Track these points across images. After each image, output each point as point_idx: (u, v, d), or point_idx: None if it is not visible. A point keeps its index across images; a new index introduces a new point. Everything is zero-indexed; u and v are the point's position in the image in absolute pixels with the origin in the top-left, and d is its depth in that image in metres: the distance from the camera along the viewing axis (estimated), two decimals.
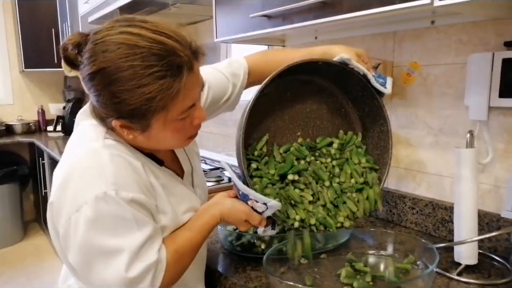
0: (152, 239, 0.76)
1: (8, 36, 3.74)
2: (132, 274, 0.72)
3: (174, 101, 0.72)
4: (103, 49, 0.70)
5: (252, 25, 1.26)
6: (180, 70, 0.71)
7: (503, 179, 1.05)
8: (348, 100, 1.10)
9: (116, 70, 0.69)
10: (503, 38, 1.00)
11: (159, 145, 0.83)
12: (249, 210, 0.87)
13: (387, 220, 1.32)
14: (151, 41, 0.69)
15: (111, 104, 0.73)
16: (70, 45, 0.75)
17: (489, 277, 0.95)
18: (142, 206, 0.76)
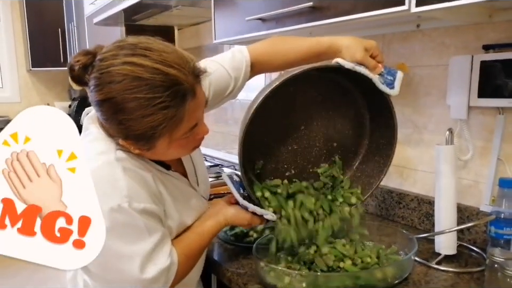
0: (162, 243, 0.84)
1: (15, 35, 3.83)
2: (147, 276, 0.81)
3: (177, 127, 0.77)
4: (108, 80, 0.73)
5: (248, 27, 1.32)
6: (184, 98, 0.75)
7: (482, 175, 1.11)
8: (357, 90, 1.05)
9: (121, 101, 0.73)
10: (482, 41, 1.06)
11: (164, 158, 0.89)
12: (251, 217, 0.95)
13: (376, 214, 1.38)
14: (154, 72, 0.72)
15: (118, 129, 0.78)
16: (76, 66, 0.79)
17: (466, 266, 1.01)
18: (152, 214, 0.83)
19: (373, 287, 0.87)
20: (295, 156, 1.09)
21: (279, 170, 1.09)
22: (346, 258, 0.93)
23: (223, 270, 1.02)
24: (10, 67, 3.89)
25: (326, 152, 1.11)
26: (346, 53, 0.94)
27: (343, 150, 1.12)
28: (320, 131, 1.09)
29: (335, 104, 1.07)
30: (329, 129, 1.10)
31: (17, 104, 3.95)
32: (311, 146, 1.10)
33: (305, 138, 1.09)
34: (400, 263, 0.94)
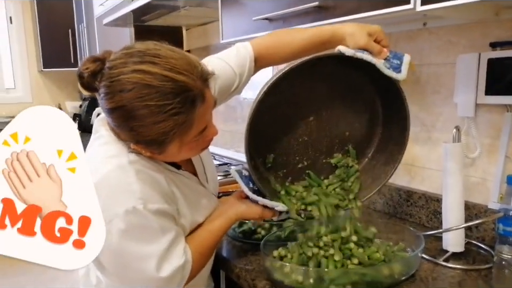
0: (176, 241, 0.86)
1: (27, 36, 3.89)
2: (163, 274, 0.83)
3: (188, 131, 0.79)
4: (118, 89, 0.75)
5: (255, 27, 1.34)
6: (193, 103, 0.76)
7: (490, 172, 1.11)
8: (366, 78, 1.02)
9: (132, 109, 0.74)
10: (489, 39, 1.06)
11: (175, 159, 0.90)
12: (262, 210, 0.97)
13: (384, 212, 1.39)
14: (164, 79, 0.73)
15: (129, 135, 0.80)
16: (85, 73, 0.79)
17: (474, 263, 1.01)
18: (166, 214, 0.85)
19: (380, 283, 0.88)
20: (306, 147, 1.08)
21: (291, 162, 1.08)
22: (354, 258, 0.93)
23: (231, 266, 1.04)
24: (22, 68, 3.95)
25: (338, 142, 1.10)
26: (350, 40, 0.92)
27: (356, 139, 1.10)
28: (331, 121, 1.07)
29: (344, 94, 1.05)
30: (340, 119, 1.08)
31: (29, 104, 3.98)
32: (322, 137, 1.09)
33: (315, 129, 1.08)
34: (407, 259, 0.94)
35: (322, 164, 1.11)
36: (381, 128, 1.09)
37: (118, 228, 0.79)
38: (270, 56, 1.04)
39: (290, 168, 1.09)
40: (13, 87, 4.00)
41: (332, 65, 0.98)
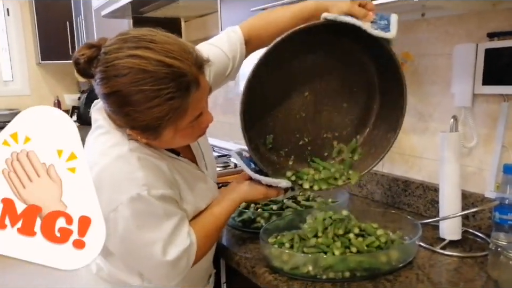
0: (180, 225, 0.87)
1: (25, 28, 3.88)
2: (169, 258, 0.84)
3: (182, 117, 0.79)
4: (114, 74, 0.75)
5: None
6: (188, 89, 0.77)
7: (486, 162, 1.12)
8: (359, 46, 1.00)
9: (127, 94, 0.75)
10: (486, 29, 1.06)
11: (171, 146, 0.91)
12: (265, 190, 0.98)
13: (382, 202, 1.40)
14: (159, 64, 0.74)
15: (125, 120, 0.81)
16: (81, 59, 0.80)
17: (470, 251, 1.03)
18: (170, 199, 0.86)
19: (377, 269, 0.90)
20: (305, 123, 1.07)
21: (291, 140, 1.08)
22: (353, 247, 0.94)
23: (231, 254, 1.05)
24: (20, 60, 3.93)
25: (337, 115, 1.08)
26: (333, 8, 0.92)
27: (355, 110, 1.09)
28: (327, 95, 1.06)
29: (337, 66, 1.04)
30: (336, 92, 1.06)
31: (27, 97, 4.00)
32: (320, 111, 1.07)
33: (312, 104, 1.06)
34: (404, 246, 0.96)
35: (324, 138, 1.10)
36: (379, 96, 1.07)
37: (124, 215, 0.80)
38: (259, 36, 1.05)
39: (291, 146, 1.08)
40: (11, 79, 3.99)
41: (321, 36, 0.97)
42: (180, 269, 0.88)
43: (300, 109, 1.06)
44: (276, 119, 1.06)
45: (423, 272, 0.93)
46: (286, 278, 0.90)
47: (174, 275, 0.89)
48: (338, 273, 0.88)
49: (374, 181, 1.42)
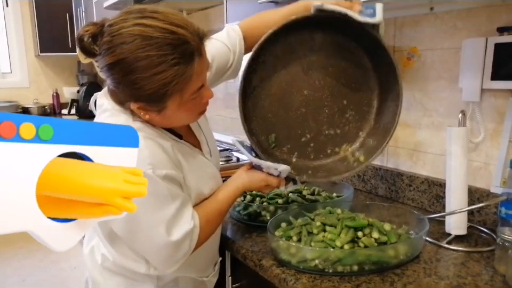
0: (184, 207, 0.88)
1: (24, 20, 3.84)
2: (174, 238, 0.85)
3: (187, 84, 0.80)
4: (120, 41, 0.76)
5: (260, 10, 1.32)
6: (192, 56, 0.79)
7: (493, 157, 1.12)
8: (352, 42, 1.05)
9: (134, 60, 0.75)
10: (496, 24, 1.06)
11: (173, 123, 0.91)
12: (266, 176, 0.98)
13: (386, 197, 1.40)
14: (164, 31, 0.76)
15: (130, 90, 0.80)
16: (86, 36, 0.81)
17: (476, 245, 1.03)
18: (173, 180, 0.87)
19: (385, 263, 0.90)
20: (306, 119, 1.08)
21: (293, 136, 1.08)
22: (360, 241, 0.94)
23: (237, 247, 1.05)
24: (19, 52, 3.90)
25: (338, 111, 1.09)
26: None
27: (355, 105, 1.10)
28: (326, 91, 1.08)
29: (333, 60, 1.06)
30: (335, 87, 1.08)
31: (25, 89, 3.97)
32: (320, 107, 1.09)
33: (312, 100, 1.07)
34: (412, 241, 0.96)
35: (326, 135, 1.10)
36: (377, 90, 1.09)
37: None
38: (255, 34, 1.07)
39: (294, 143, 1.08)
40: (9, 71, 3.95)
41: (313, 33, 1.03)
42: (182, 251, 0.88)
43: (300, 105, 1.07)
44: (277, 115, 1.07)
45: (430, 266, 0.93)
46: (294, 271, 0.90)
47: (176, 258, 0.89)
48: (346, 267, 0.88)
49: (378, 175, 1.42)
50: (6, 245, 3.19)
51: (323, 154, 1.10)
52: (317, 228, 0.97)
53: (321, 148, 1.10)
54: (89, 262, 1.03)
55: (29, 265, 2.95)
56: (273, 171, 0.96)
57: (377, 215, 1.08)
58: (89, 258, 1.03)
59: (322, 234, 0.95)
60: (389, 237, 0.94)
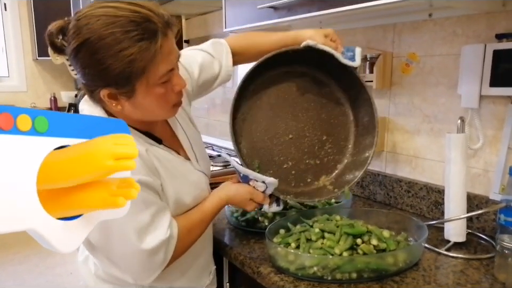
0: (160, 215, 0.86)
1: (22, 24, 3.83)
2: (147, 246, 0.83)
3: (152, 62, 0.79)
4: (85, 23, 0.76)
5: (259, 16, 1.33)
6: (155, 34, 0.78)
7: (492, 163, 1.12)
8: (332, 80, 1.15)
9: (98, 38, 0.75)
10: (495, 30, 1.06)
11: (147, 114, 0.88)
12: (252, 189, 1.00)
13: (384, 203, 1.40)
14: (128, 10, 0.77)
15: (98, 73, 0.78)
16: (54, 30, 0.80)
17: (475, 253, 1.02)
18: (148, 187, 0.85)
19: (384, 271, 0.89)
20: (289, 147, 1.13)
21: (276, 162, 1.12)
22: (359, 248, 0.93)
23: (235, 254, 1.04)
24: (17, 56, 3.89)
25: (318, 142, 1.15)
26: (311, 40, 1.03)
27: (333, 139, 1.17)
28: (308, 122, 1.15)
29: (314, 96, 1.15)
30: (316, 120, 1.15)
31: (23, 93, 3.96)
32: (302, 137, 1.15)
33: (295, 130, 1.14)
34: (411, 248, 0.95)
35: (306, 164, 1.15)
36: (354, 126, 1.17)
37: None
38: (243, 52, 1.15)
39: (276, 169, 1.12)
40: (7, 75, 3.94)
41: (300, 68, 1.13)
42: (156, 261, 0.86)
43: (283, 133, 1.13)
44: (262, 140, 1.11)
45: (429, 273, 0.92)
46: (292, 279, 0.89)
47: (150, 268, 0.86)
48: (345, 274, 0.87)
49: (377, 181, 1.41)
50: (1, 250, 3.16)
51: (303, 183, 1.14)
52: (315, 234, 0.96)
53: (302, 177, 1.14)
54: (83, 270, 1.02)
55: (25, 271, 2.92)
56: (260, 185, 0.98)
57: (376, 221, 1.07)
58: (83, 267, 1.02)
59: (321, 241, 0.94)
60: (388, 244, 0.93)
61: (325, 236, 0.96)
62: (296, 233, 0.99)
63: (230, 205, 1.12)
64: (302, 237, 0.97)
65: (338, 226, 0.98)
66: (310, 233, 0.97)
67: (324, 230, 0.97)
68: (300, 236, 0.97)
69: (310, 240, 0.96)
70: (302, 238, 0.96)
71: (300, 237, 0.97)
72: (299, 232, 0.99)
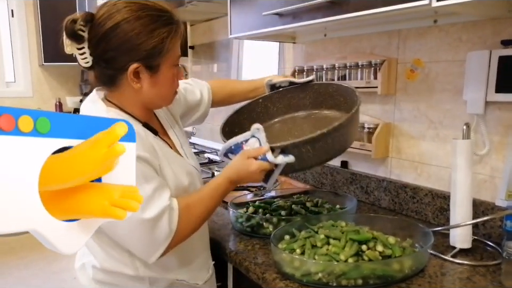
0: (160, 190, 0.88)
1: (29, 30, 3.87)
2: (148, 215, 0.84)
3: (176, 45, 0.91)
4: (118, 8, 0.86)
5: (264, 22, 1.34)
6: (178, 22, 0.92)
7: (498, 169, 1.12)
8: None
9: (137, 18, 0.86)
10: (500, 36, 1.06)
11: (158, 95, 0.94)
12: (247, 151, 0.98)
13: (389, 209, 1.39)
14: (152, 3, 0.89)
15: (134, 48, 0.87)
16: (79, 17, 0.86)
17: (482, 259, 1.02)
18: (148, 163, 0.88)
19: (390, 277, 0.88)
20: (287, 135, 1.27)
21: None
22: (365, 254, 0.93)
23: (240, 259, 1.04)
24: (23, 61, 3.92)
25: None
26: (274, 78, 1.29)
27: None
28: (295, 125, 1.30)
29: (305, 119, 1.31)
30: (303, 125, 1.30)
31: (29, 98, 3.99)
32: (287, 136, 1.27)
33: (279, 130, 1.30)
34: (417, 254, 0.95)
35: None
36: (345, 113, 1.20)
37: None
38: (219, 92, 1.30)
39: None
40: (13, 80, 3.97)
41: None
42: (161, 230, 0.86)
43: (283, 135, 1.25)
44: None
45: (435, 280, 0.92)
46: (298, 285, 0.89)
47: (155, 240, 0.87)
48: (350, 281, 0.87)
49: (382, 187, 1.41)
50: (7, 255, 3.17)
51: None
52: (320, 240, 0.96)
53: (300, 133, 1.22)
54: (82, 277, 1.03)
55: (30, 275, 2.93)
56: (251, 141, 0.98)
57: (381, 227, 1.07)
58: (81, 273, 1.03)
59: (326, 248, 0.94)
60: (394, 251, 0.93)
61: (330, 242, 0.96)
62: (301, 239, 0.99)
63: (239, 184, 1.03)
64: (307, 243, 0.96)
65: (344, 232, 0.97)
66: (315, 239, 0.97)
67: (329, 236, 0.97)
68: (305, 242, 0.97)
69: (315, 246, 0.96)
70: (307, 244, 0.96)
71: (305, 243, 0.97)
72: (304, 238, 0.99)
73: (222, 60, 2.32)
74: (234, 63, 2.21)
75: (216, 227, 1.24)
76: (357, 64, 1.40)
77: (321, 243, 0.96)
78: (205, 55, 2.49)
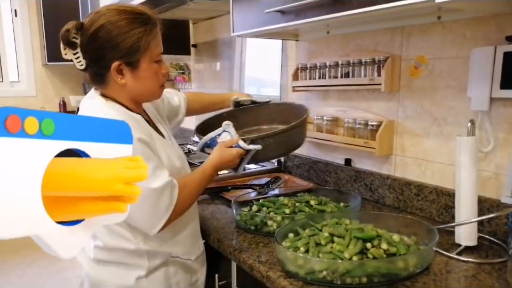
0: (160, 168, 1.00)
1: (32, 29, 3.88)
2: (155, 185, 0.96)
3: (152, 42, 1.01)
4: (102, 14, 0.98)
5: (266, 20, 1.33)
6: (154, 22, 1.02)
7: (503, 166, 1.11)
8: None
9: (115, 21, 0.97)
10: (505, 32, 1.05)
11: (143, 88, 1.05)
12: (222, 143, 1.18)
13: (393, 207, 1.39)
14: (131, 7, 1.01)
15: (114, 47, 0.97)
16: (71, 27, 0.98)
17: (487, 257, 1.01)
18: (147, 145, 0.99)
19: (395, 275, 0.88)
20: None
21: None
22: (369, 252, 0.93)
23: (243, 258, 1.04)
24: (27, 61, 3.94)
25: None
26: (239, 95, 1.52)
27: None
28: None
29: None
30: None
31: (33, 98, 4.00)
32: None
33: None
34: (422, 252, 0.94)
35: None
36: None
37: None
38: (193, 102, 1.47)
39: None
40: (17, 80, 3.99)
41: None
42: (163, 203, 0.98)
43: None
44: None
45: (440, 278, 0.91)
46: (302, 283, 0.89)
47: (158, 212, 0.98)
48: (355, 279, 0.86)
49: (386, 185, 1.41)
50: (11, 253, 3.19)
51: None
52: (325, 238, 0.95)
53: None
54: (82, 259, 1.10)
55: (34, 274, 2.94)
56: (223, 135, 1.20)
57: (386, 225, 1.06)
58: (81, 257, 1.10)
59: (331, 246, 0.94)
60: (398, 248, 0.92)
61: (334, 240, 0.96)
62: (305, 237, 0.99)
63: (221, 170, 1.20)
64: (311, 241, 0.96)
65: (348, 230, 0.97)
66: (319, 237, 0.96)
67: (333, 234, 0.96)
68: (309, 240, 0.97)
69: (319, 244, 0.95)
70: (311, 242, 0.96)
71: (309, 241, 0.96)
72: (308, 236, 0.98)
73: (224, 58, 2.31)
74: (237, 61, 2.21)
75: (220, 225, 1.24)
76: (360, 61, 1.39)
77: (325, 241, 0.95)
78: (208, 53, 2.48)
